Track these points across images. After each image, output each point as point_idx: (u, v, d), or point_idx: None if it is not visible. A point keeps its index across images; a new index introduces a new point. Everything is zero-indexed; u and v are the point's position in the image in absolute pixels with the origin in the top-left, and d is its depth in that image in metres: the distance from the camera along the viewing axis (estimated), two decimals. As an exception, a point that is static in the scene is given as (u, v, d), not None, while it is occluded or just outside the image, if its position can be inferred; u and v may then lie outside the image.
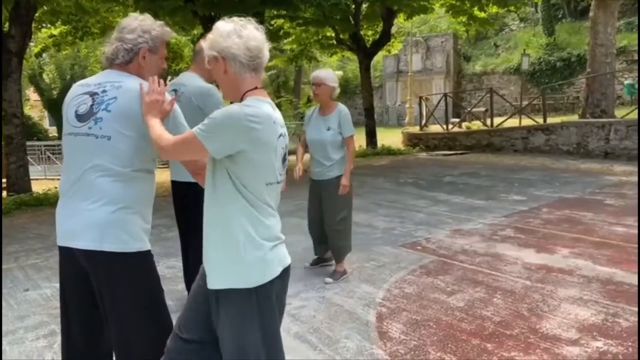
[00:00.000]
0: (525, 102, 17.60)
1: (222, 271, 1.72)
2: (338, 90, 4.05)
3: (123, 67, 2.01)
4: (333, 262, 4.36)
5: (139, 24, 2.01)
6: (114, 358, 2.05)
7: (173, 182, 3.48)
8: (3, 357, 3.00)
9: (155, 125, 1.86)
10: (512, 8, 15.66)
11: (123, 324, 1.93)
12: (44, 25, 11.97)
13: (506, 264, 4.37)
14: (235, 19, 1.76)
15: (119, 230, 1.89)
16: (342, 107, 4.06)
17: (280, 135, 1.78)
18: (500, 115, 16.05)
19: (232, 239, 1.70)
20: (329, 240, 4.20)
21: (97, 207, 1.87)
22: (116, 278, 1.91)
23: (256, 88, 1.78)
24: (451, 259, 4.56)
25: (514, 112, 15.52)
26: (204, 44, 1.84)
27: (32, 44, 13.35)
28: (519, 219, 5.99)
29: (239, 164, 1.68)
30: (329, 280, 4.02)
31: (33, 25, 9.53)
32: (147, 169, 2.01)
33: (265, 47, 1.78)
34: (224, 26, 1.74)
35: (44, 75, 28.57)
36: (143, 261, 1.96)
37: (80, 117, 1.96)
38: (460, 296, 3.68)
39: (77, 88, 2.06)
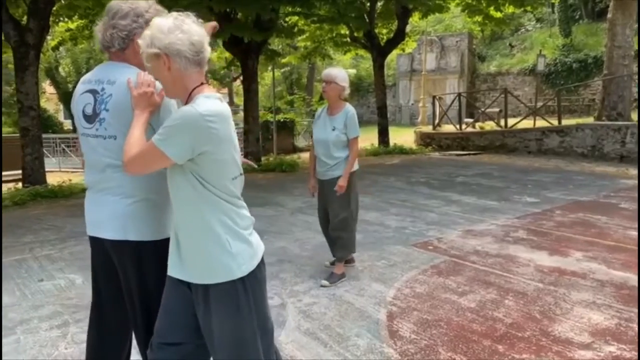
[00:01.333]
0: (540, 103, 17.45)
1: (210, 266, 1.73)
2: (348, 91, 4.00)
3: (120, 56, 1.97)
4: (354, 264, 4.35)
5: (130, 8, 1.94)
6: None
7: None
8: (18, 347, 3.04)
9: (135, 128, 1.78)
10: (528, 8, 15.53)
11: (150, 309, 1.98)
12: (61, 19, 12.08)
13: (518, 265, 4.35)
14: (173, 13, 1.70)
15: (139, 221, 1.96)
16: (349, 107, 4.01)
17: (234, 129, 1.81)
18: (514, 116, 15.95)
19: (214, 235, 1.73)
20: (331, 240, 4.14)
21: (119, 200, 1.95)
22: (139, 266, 1.99)
23: (202, 84, 1.74)
24: (463, 259, 4.54)
25: (529, 113, 15.38)
26: (140, 41, 1.71)
27: (49, 37, 13.46)
28: (532, 220, 5.95)
29: (202, 165, 1.68)
30: (325, 282, 3.95)
31: (51, 18, 9.62)
32: None
33: (207, 41, 1.74)
34: (163, 22, 1.67)
35: (60, 69, 28.85)
36: (164, 249, 1.95)
37: (88, 118, 1.97)
38: (471, 297, 3.66)
39: (80, 86, 2.04)
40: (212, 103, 1.67)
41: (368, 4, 14.02)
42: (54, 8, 9.81)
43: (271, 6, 10.49)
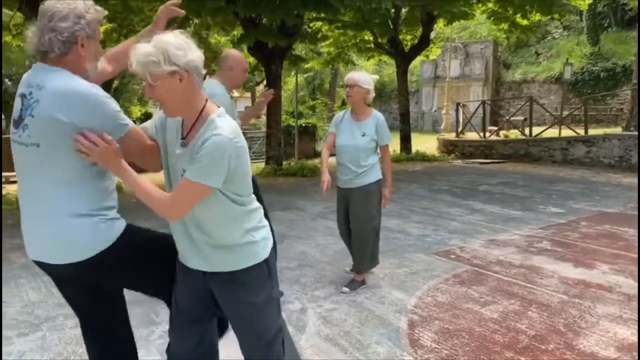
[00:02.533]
0: (566, 112, 17.18)
1: (238, 255, 1.86)
2: (373, 94, 3.89)
3: (59, 62, 1.79)
4: (373, 271, 4.32)
5: (69, 9, 1.77)
6: None
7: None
8: (43, 343, 3.11)
9: (136, 179, 1.75)
10: (556, 16, 15.34)
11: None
12: (90, 23, 12.33)
13: (542, 277, 4.28)
14: (170, 33, 1.70)
15: (76, 239, 1.82)
16: (378, 113, 3.91)
17: None
18: (539, 125, 15.73)
19: (239, 230, 1.86)
20: (353, 249, 4.03)
21: (50, 219, 1.81)
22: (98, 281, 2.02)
23: (206, 100, 1.78)
24: (485, 269, 4.49)
25: (554, 122, 15.15)
26: (143, 59, 1.65)
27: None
28: (557, 231, 5.85)
29: (232, 180, 1.76)
30: (345, 289, 3.93)
31: (81, 22, 9.81)
32: (90, 165, 1.82)
33: None
34: (173, 39, 1.67)
35: (88, 71, 29.39)
36: (117, 251, 1.89)
37: (15, 123, 1.80)
38: (494, 307, 3.62)
39: (18, 88, 1.85)
40: (228, 122, 1.75)
41: (393, 11, 14.00)
42: (84, 12, 10.00)
43: (296, 12, 10.55)
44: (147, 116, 27.70)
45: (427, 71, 27.17)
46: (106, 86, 25.61)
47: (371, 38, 15.41)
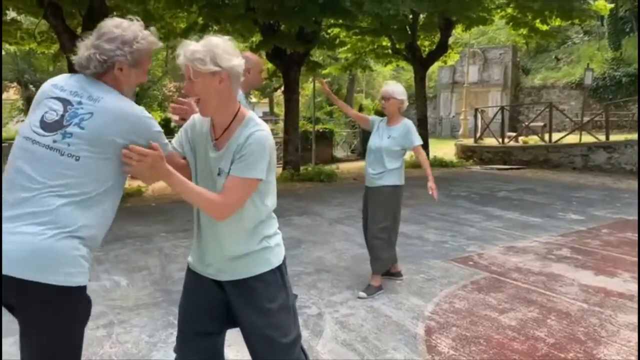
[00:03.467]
0: (586, 118, 16.95)
1: (253, 262, 1.88)
2: (407, 104, 4.12)
3: (98, 77, 1.77)
4: (402, 278, 4.33)
5: (120, 34, 1.76)
6: None
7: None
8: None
9: (188, 186, 1.77)
10: (576, 21, 15.15)
11: None
12: (112, 29, 12.55)
13: (562, 284, 4.23)
14: (221, 37, 1.78)
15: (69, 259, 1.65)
16: (408, 121, 4.12)
17: None
18: (559, 131, 15.55)
19: (258, 236, 1.89)
20: (369, 250, 4.13)
21: (42, 231, 1.61)
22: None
23: (239, 104, 1.88)
24: (504, 276, 4.46)
25: (575, 127, 14.97)
26: (190, 55, 1.72)
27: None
28: (577, 239, 5.78)
29: (268, 173, 1.84)
30: (362, 294, 3.94)
31: (103, 29, 10.00)
32: (113, 186, 1.77)
33: None
34: (224, 43, 1.75)
35: (109, 77, 29.87)
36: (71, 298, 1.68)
37: (46, 126, 1.70)
38: (512, 315, 3.59)
39: (50, 88, 1.78)
40: (261, 120, 1.87)
41: (411, 16, 13.99)
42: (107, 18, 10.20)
43: (314, 18, 10.62)
44: (166, 121, 28.03)
45: (445, 77, 27.04)
46: (127, 92, 25.80)
47: (389, 44, 15.42)
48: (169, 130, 28.41)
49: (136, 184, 9.62)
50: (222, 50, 1.73)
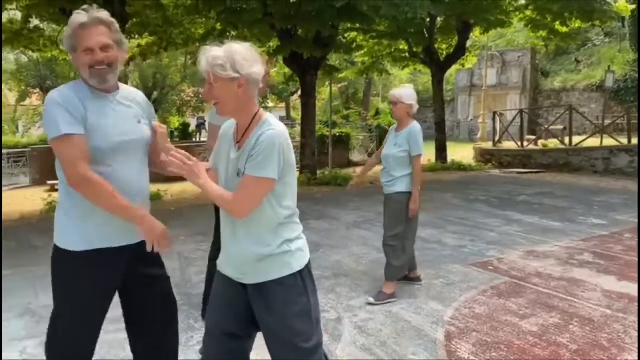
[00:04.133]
0: (608, 121, 16.69)
1: (273, 266, 1.88)
2: (416, 107, 4.03)
3: None
4: (421, 283, 4.30)
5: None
6: None
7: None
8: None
9: (213, 186, 1.87)
10: (597, 23, 14.97)
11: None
12: (132, 36, 12.75)
13: (584, 290, 4.17)
14: (243, 44, 1.85)
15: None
16: (414, 125, 3.99)
17: None
18: (579, 134, 15.34)
19: (278, 239, 1.89)
20: (385, 254, 4.09)
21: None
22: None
23: (259, 107, 1.93)
24: (524, 281, 4.41)
25: (595, 131, 14.76)
26: (211, 61, 1.80)
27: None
28: (599, 243, 5.69)
29: (284, 175, 1.85)
30: (371, 300, 3.90)
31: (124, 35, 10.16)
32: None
33: None
34: (244, 50, 1.82)
35: (129, 83, 30.31)
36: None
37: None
38: (533, 320, 3.55)
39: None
40: (278, 121, 1.91)
41: (428, 20, 13.96)
42: (127, 26, 10.37)
43: (331, 23, 10.65)
44: (184, 126, 28.32)
45: (463, 80, 26.88)
46: (146, 97, 26.30)
47: (406, 47, 15.39)
48: (187, 134, 28.62)
49: (156, 188, 9.73)
50: (242, 57, 1.80)
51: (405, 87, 4.15)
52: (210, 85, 1.82)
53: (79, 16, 1.99)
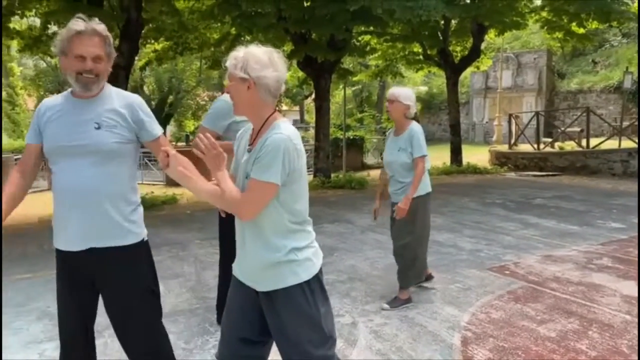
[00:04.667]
0: (626, 123, 16.46)
1: (278, 275, 1.87)
2: (414, 109, 3.83)
3: None
4: (432, 280, 4.26)
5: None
6: None
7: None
8: (105, 350, 3.24)
9: (228, 183, 1.85)
10: (614, 23, 14.76)
11: None
12: (148, 41, 12.89)
13: (603, 295, 4.11)
14: (264, 48, 1.86)
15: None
16: (414, 126, 3.83)
17: None
18: (597, 136, 15.16)
19: (285, 247, 1.87)
20: (396, 263, 4.02)
21: None
22: None
23: (275, 111, 1.92)
24: (542, 286, 4.35)
25: (613, 132, 14.55)
26: (229, 61, 1.86)
27: (136, 58, 14.38)
28: (618, 247, 5.60)
29: (290, 182, 1.83)
30: (385, 306, 3.86)
31: (139, 41, 10.29)
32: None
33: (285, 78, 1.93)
34: (260, 53, 1.84)
35: (145, 88, 30.64)
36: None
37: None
38: (551, 326, 3.50)
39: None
40: (290, 126, 1.88)
41: (442, 22, 13.90)
42: (143, 31, 10.49)
43: (345, 26, 10.65)
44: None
45: (478, 82, 26.70)
46: (162, 101, 26.29)
47: (420, 50, 15.34)
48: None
49: (171, 191, 9.81)
50: (254, 60, 1.82)
51: (403, 87, 3.98)
52: (229, 81, 1.88)
53: (77, 24, 2.05)
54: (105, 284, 2.21)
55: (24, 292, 4.46)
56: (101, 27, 2.09)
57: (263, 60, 1.82)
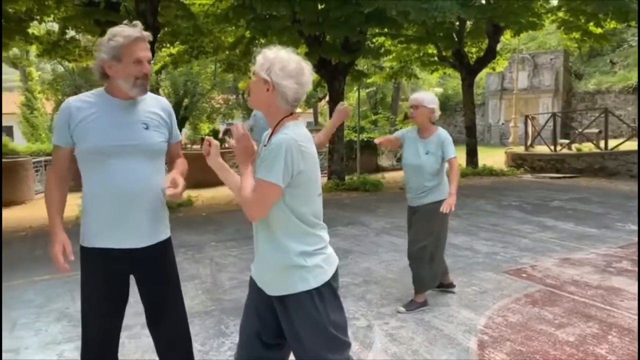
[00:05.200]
0: (645, 124, 16.21)
1: (287, 280, 1.87)
2: (438, 113, 3.85)
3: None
4: (454, 289, 4.23)
5: (101, 40, 2.13)
6: None
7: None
8: (122, 350, 3.26)
9: (249, 177, 1.88)
10: (632, 23, 14.55)
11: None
12: (164, 45, 13.01)
13: (623, 299, 4.04)
14: (296, 57, 1.87)
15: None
16: (442, 131, 3.86)
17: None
18: (615, 137, 14.94)
19: (291, 254, 1.86)
20: (410, 267, 3.98)
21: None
22: None
23: (291, 114, 1.92)
24: (560, 289, 4.30)
25: (632, 134, 14.33)
26: (258, 58, 1.87)
27: (152, 62, 14.54)
28: (637, 250, 5.51)
29: (295, 187, 1.82)
30: (401, 309, 3.83)
31: (155, 45, 10.40)
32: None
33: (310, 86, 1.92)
34: (289, 62, 1.84)
35: (160, 91, 30.92)
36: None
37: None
38: (570, 330, 3.45)
39: None
40: (300, 128, 1.89)
41: (457, 23, 13.83)
42: (158, 35, 10.59)
43: (359, 28, 10.65)
44: (214, 133, 28.66)
45: (494, 83, 26.50)
46: (177, 104, 26.47)
47: (435, 51, 15.26)
48: (216, 140, 29.14)
49: (187, 194, 9.88)
50: (280, 66, 1.84)
51: (426, 91, 4.03)
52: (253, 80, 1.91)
53: (132, 30, 2.11)
54: (148, 277, 2.30)
55: (43, 293, 4.52)
56: (145, 31, 2.17)
57: (288, 69, 1.83)
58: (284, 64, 1.83)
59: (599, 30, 13.80)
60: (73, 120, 2.14)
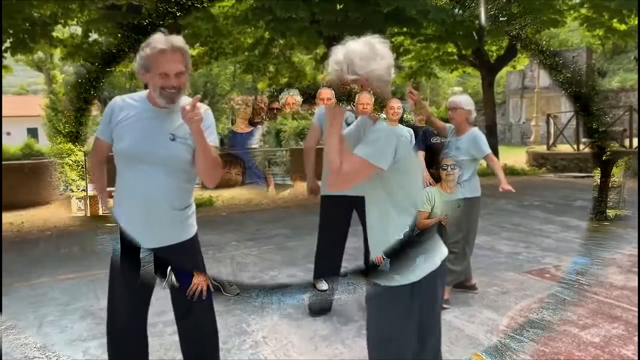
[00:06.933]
0: (672, 122, 15.84)
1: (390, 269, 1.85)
2: (474, 114, 4.04)
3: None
4: (476, 292, 4.22)
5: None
6: None
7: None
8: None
9: (334, 146, 1.79)
10: (658, 19, 14.26)
11: None
12: (185, 46, 13.15)
13: (649, 300, 3.96)
14: (362, 40, 1.80)
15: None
16: (476, 129, 4.05)
17: None
18: (640, 136, 14.62)
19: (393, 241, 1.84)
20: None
21: None
22: None
23: None
24: (584, 289, 4.23)
25: (658, 132, 14.03)
26: (332, 64, 1.80)
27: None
28: (665, 251, 5.40)
29: (396, 174, 1.78)
30: None
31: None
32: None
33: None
34: (359, 48, 1.77)
35: (180, 92, 31.20)
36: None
37: None
38: (594, 331, 3.40)
39: None
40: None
41: (477, 22, 13.69)
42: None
43: (378, 28, 10.61)
44: (232, 133, 28.86)
45: (514, 82, 26.22)
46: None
47: (455, 50, 15.15)
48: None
49: (207, 194, 9.97)
50: (359, 57, 1.77)
51: (462, 93, 4.23)
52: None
53: (159, 41, 2.07)
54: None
55: (68, 292, 4.60)
56: (179, 40, 2.11)
57: (366, 54, 1.77)
58: (358, 53, 1.77)
59: (623, 27, 13.52)
60: (114, 118, 2.20)
